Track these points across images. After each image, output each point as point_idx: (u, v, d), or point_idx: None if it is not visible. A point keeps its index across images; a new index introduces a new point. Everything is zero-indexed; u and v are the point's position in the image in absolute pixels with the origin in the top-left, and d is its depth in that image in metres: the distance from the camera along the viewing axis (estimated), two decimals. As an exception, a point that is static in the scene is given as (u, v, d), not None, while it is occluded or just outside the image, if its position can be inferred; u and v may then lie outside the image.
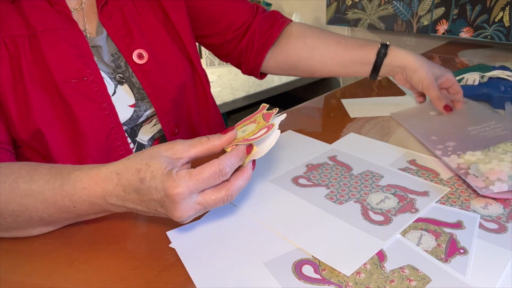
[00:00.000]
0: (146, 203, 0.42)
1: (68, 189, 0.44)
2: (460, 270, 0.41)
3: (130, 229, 0.49)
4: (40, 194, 0.45)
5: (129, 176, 0.42)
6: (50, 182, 0.45)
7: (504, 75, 0.83)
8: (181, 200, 0.40)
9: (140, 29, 0.66)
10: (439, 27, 1.34)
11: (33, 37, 0.57)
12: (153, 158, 0.42)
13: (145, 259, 0.45)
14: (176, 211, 0.41)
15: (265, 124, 0.46)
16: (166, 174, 0.40)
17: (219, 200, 0.43)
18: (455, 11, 1.29)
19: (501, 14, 1.19)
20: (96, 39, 0.63)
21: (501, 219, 0.48)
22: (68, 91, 0.59)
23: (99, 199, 0.43)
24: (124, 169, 0.42)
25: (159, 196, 0.41)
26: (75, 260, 0.45)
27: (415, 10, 1.38)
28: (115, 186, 0.42)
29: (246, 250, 0.45)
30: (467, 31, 1.28)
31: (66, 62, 0.59)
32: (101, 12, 0.63)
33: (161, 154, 0.42)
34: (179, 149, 0.43)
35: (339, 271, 0.41)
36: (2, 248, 0.47)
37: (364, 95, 0.91)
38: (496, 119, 0.69)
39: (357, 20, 1.55)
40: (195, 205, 0.42)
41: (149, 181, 0.41)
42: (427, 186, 0.55)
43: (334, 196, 0.54)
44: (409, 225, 0.47)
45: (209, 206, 0.42)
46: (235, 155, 0.43)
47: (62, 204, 0.44)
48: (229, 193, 0.43)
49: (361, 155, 0.63)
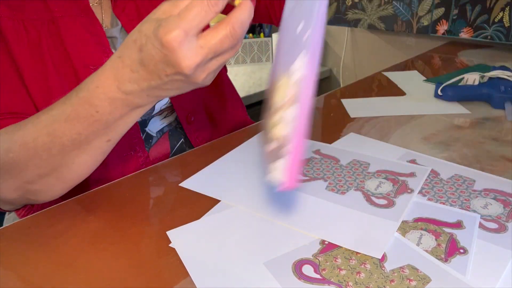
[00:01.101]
0: (155, 73, 0.39)
1: (83, 95, 0.43)
2: (460, 270, 0.41)
3: (130, 229, 0.49)
4: (62, 115, 0.44)
5: (128, 51, 0.40)
6: (66, 101, 0.44)
7: (504, 75, 0.83)
8: (179, 44, 0.36)
9: None
10: (439, 27, 1.34)
11: (51, 22, 0.58)
12: (142, 23, 0.39)
13: (145, 259, 0.45)
14: (180, 59, 0.36)
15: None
16: (157, 27, 0.36)
17: (224, 38, 0.37)
18: (455, 12, 1.29)
19: (501, 14, 1.19)
20: (111, 30, 0.64)
21: (501, 218, 0.48)
22: (86, 77, 0.59)
23: (115, 92, 0.42)
24: (123, 47, 0.40)
25: (159, 53, 0.37)
26: (75, 260, 0.45)
27: (415, 10, 1.38)
28: (122, 70, 0.40)
29: (246, 250, 0.45)
30: (467, 31, 1.28)
31: (85, 49, 0.59)
32: (115, 5, 0.64)
33: (150, 18, 0.39)
34: (167, 8, 0.38)
35: (371, 256, 0.43)
36: (2, 248, 0.47)
37: (364, 95, 0.91)
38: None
39: (357, 21, 1.55)
40: (198, 49, 0.37)
41: (145, 45, 0.38)
42: (411, 168, 0.58)
43: (335, 188, 0.55)
44: (409, 206, 0.48)
45: (216, 47, 0.37)
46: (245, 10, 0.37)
47: (84, 114, 0.43)
48: (230, 26, 0.37)
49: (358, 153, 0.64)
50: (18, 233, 0.50)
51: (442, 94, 0.84)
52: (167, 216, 0.51)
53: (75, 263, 0.45)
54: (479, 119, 0.75)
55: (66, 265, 0.44)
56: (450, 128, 0.72)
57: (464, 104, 0.82)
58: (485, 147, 0.65)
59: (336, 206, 0.51)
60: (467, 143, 0.66)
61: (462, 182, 0.55)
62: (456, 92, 0.83)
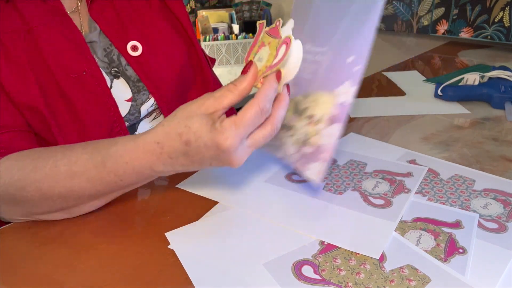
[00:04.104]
0: (198, 162, 0.43)
1: (110, 165, 0.44)
2: (459, 270, 0.41)
3: (130, 230, 0.49)
4: (84, 174, 0.45)
5: (172, 142, 0.42)
6: (90, 161, 0.45)
7: (504, 75, 0.83)
8: (235, 149, 0.40)
9: (133, 20, 0.66)
10: (439, 27, 1.34)
11: (28, 32, 0.57)
12: (190, 118, 0.41)
13: (145, 260, 0.45)
14: (233, 160, 0.41)
15: (279, 41, 0.43)
16: (211, 130, 0.40)
17: (268, 136, 0.43)
18: (455, 11, 1.29)
19: (501, 14, 1.19)
20: (90, 35, 0.63)
21: (501, 218, 0.48)
22: (68, 86, 0.58)
23: (146, 169, 0.44)
24: (164, 136, 0.42)
25: (212, 153, 0.41)
26: (75, 260, 0.45)
27: (415, 10, 1.38)
28: (159, 156, 0.43)
29: (245, 251, 0.45)
30: (467, 31, 1.28)
31: (64, 57, 0.59)
32: (91, 8, 0.63)
33: (196, 113, 0.42)
34: (211, 104, 0.42)
35: (369, 256, 0.43)
36: (2, 249, 0.47)
37: (364, 95, 0.90)
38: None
39: (357, 20, 1.55)
40: (247, 149, 0.42)
41: (195, 141, 0.41)
42: (408, 168, 0.58)
43: (332, 188, 0.55)
44: (407, 205, 0.48)
45: (260, 144, 0.43)
46: (268, 87, 0.42)
47: (108, 180, 0.45)
48: (274, 126, 0.43)
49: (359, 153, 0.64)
50: (18, 233, 0.50)
51: (442, 94, 0.84)
52: (166, 218, 0.51)
53: (75, 263, 0.45)
54: (479, 119, 0.75)
55: (66, 265, 0.44)
56: (450, 128, 0.72)
57: (464, 104, 0.82)
58: (485, 147, 0.65)
59: (333, 206, 0.51)
60: (467, 143, 0.66)
61: (462, 182, 0.55)
62: (456, 92, 0.83)
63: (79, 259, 0.45)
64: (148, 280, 0.42)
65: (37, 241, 0.48)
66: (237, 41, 1.83)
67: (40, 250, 0.47)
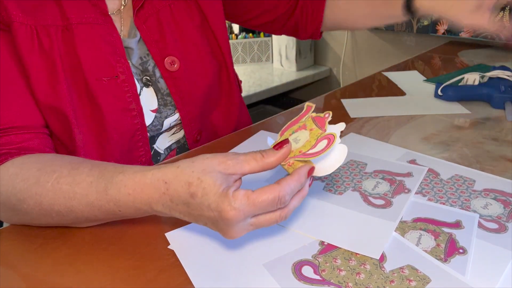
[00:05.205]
0: (195, 217, 0.41)
1: (112, 194, 0.43)
2: (459, 270, 0.41)
3: (130, 230, 0.49)
4: (84, 198, 0.44)
5: (179, 188, 0.40)
6: (93, 185, 0.44)
7: (504, 75, 0.83)
8: (236, 223, 0.38)
9: (174, 34, 0.65)
10: (439, 27, 1.34)
11: (66, 29, 0.56)
12: (205, 173, 0.39)
13: (144, 260, 0.45)
14: (229, 232, 0.39)
15: (322, 134, 0.42)
16: (221, 194, 0.38)
17: (273, 221, 0.40)
18: (455, 11, 1.28)
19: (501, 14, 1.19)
20: (128, 40, 0.62)
21: (501, 218, 0.48)
22: (98, 89, 0.58)
23: (145, 205, 0.42)
24: (173, 179, 0.40)
25: (212, 215, 0.39)
26: (75, 260, 0.45)
27: (415, 10, 1.38)
28: (162, 195, 0.41)
29: (245, 251, 0.45)
30: (467, 31, 1.28)
31: (99, 59, 0.58)
32: (136, 15, 0.62)
33: (214, 169, 0.39)
34: (232, 165, 0.40)
35: (369, 256, 0.43)
36: (2, 249, 0.47)
37: (364, 95, 0.90)
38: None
39: (357, 20, 1.55)
40: (248, 226, 0.40)
41: (201, 197, 0.39)
42: (408, 168, 0.58)
43: (332, 188, 0.55)
44: (407, 206, 0.48)
45: (261, 226, 0.40)
46: (296, 180, 0.40)
47: (107, 208, 0.44)
48: (284, 214, 0.40)
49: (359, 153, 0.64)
50: (18, 233, 0.50)
51: (442, 94, 0.84)
52: (166, 218, 0.51)
53: (75, 263, 0.45)
54: (479, 119, 0.75)
55: (66, 265, 0.44)
56: (450, 128, 0.72)
57: (464, 104, 0.82)
58: (485, 147, 0.65)
59: (333, 206, 0.51)
60: (467, 143, 0.66)
61: (462, 183, 0.55)
62: (456, 92, 0.83)
63: (79, 259, 0.45)
64: (148, 280, 0.42)
65: (37, 241, 0.48)
66: (237, 41, 1.83)
67: (40, 250, 0.47)
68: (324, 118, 0.44)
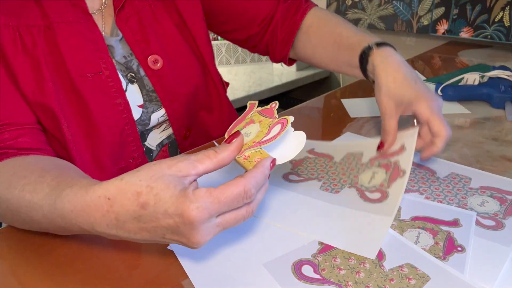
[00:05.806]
0: (148, 231, 0.37)
1: (59, 208, 0.40)
2: (458, 268, 0.41)
3: (130, 229, 0.50)
4: (40, 210, 0.42)
5: (125, 201, 0.36)
6: (47, 197, 0.42)
7: (504, 75, 0.83)
8: (200, 224, 0.35)
9: (156, 34, 0.65)
10: (439, 27, 1.34)
11: (48, 28, 0.57)
12: (155, 179, 0.35)
13: (144, 260, 0.45)
14: (194, 237, 0.35)
15: (273, 121, 0.41)
16: (179, 195, 0.35)
17: (240, 218, 0.38)
18: (455, 11, 1.29)
19: (501, 14, 1.19)
20: (110, 39, 0.63)
21: (498, 215, 0.48)
22: (83, 85, 0.58)
23: (86, 226, 0.38)
24: (118, 193, 0.36)
25: (171, 222, 0.35)
26: (75, 260, 0.45)
27: (415, 10, 1.38)
28: (106, 213, 0.37)
29: (245, 251, 0.45)
30: (467, 31, 1.28)
31: (82, 56, 0.59)
32: (117, 16, 0.63)
33: (164, 173, 0.36)
34: (184, 166, 0.36)
35: (365, 256, 0.43)
36: (2, 249, 0.48)
37: (364, 95, 0.91)
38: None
39: (357, 20, 1.55)
40: (214, 227, 0.36)
41: (154, 205, 0.35)
42: (400, 145, 0.56)
43: (329, 187, 0.55)
44: (404, 190, 0.49)
45: (229, 225, 0.38)
46: (261, 172, 0.38)
47: (56, 223, 0.41)
48: (250, 210, 0.38)
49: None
50: (18, 233, 0.50)
51: (442, 94, 0.84)
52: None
53: (75, 263, 0.45)
54: (479, 119, 0.75)
55: (66, 265, 0.44)
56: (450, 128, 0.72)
57: (464, 104, 0.82)
58: (485, 147, 0.65)
59: (330, 206, 0.51)
60: (467, 143, 0.66)
61: (459, 181, 0.55)
62: (456, 92, 0.83)
63: (79, 259, 0.45)
64: (148, 280, 0.42)
65: (37, 242, 0.48)
66: (237, 42, 1.83)
67: (40, 251, 0.47)
68: (271, 108, 0.43)
